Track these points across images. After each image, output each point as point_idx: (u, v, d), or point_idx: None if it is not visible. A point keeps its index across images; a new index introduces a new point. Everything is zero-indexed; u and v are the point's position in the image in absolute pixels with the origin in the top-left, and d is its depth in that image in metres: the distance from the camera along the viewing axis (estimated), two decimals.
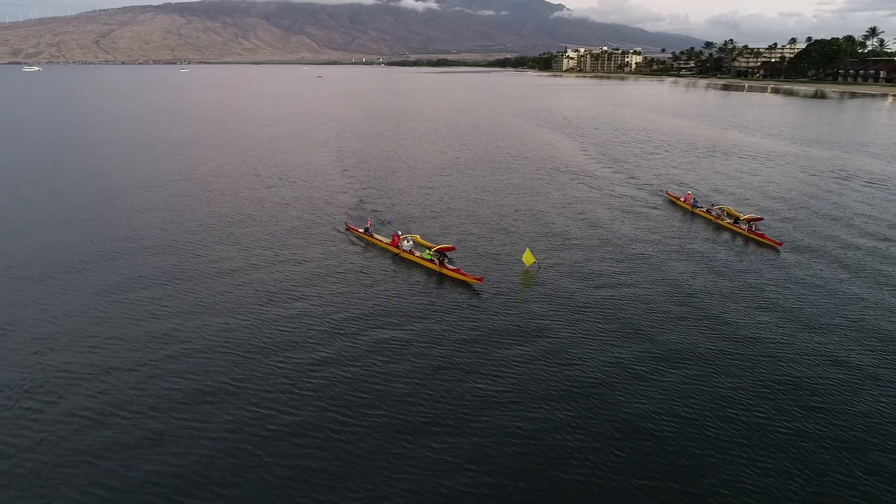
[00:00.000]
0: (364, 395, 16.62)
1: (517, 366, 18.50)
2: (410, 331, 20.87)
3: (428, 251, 28.40)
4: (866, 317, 22.54)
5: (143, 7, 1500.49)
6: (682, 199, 40.13)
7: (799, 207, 40.70)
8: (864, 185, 47.66)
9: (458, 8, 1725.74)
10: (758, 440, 14.85)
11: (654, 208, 39.88)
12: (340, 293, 24.23)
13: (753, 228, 33.55)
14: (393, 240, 30.35)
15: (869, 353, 19.58)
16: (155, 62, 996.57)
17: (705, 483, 13.36)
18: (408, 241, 29.60)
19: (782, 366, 18.56)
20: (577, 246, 31.08)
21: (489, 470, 13.67)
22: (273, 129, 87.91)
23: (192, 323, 20.86)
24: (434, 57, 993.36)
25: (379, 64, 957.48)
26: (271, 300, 23.13)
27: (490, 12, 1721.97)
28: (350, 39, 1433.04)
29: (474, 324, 21.68)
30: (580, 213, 38.05)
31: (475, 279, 26.12)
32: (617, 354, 19.19)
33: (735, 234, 34.34)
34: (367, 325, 21.14)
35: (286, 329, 20.63)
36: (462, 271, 26.72)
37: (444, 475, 13.43)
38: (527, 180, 48.34)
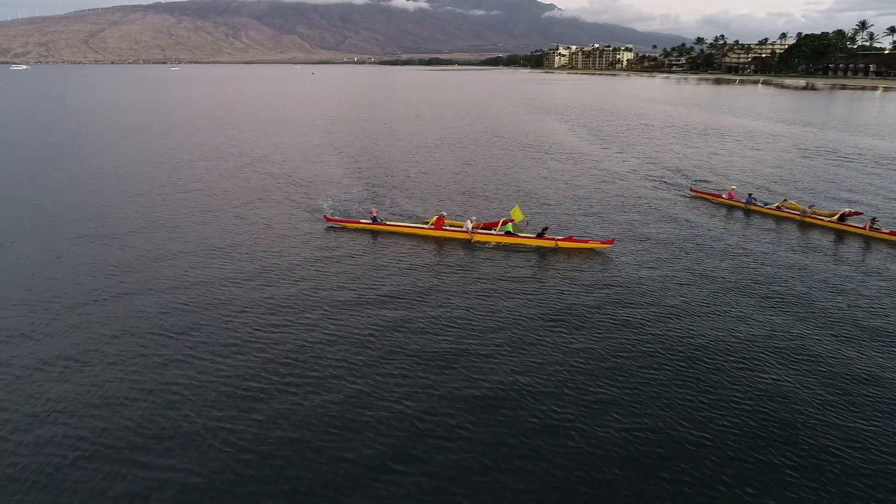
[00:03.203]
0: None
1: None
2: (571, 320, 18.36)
3: (509, 224, 25.97)
4: None
5: (133, 6, 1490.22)
6: (724, 196, 33.76)
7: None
8: None
9: (449, 8, 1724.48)
10: None
11: (708, 212, 31.95)
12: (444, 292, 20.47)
13: (873, 226, 26.95)
14: (438, 222, 26.59)
15: None
16: (145, 62, 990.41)
17: None
18: (469, 222, 26.35)
19: None
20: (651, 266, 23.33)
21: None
22: (269, 120, 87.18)
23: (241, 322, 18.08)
24: (426, 56, 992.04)
25: (371, 63, 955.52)
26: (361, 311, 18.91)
27: (481, 12, 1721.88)
28: (342, 39, 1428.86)
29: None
30: (620, 214, 31.25)
31: (604, 243, 24.67)
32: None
33: (843, 234, 27.72)
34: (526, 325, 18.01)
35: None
36: (576, 238, 25.28)
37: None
38: (556, 173, 43.67)
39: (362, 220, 28.22)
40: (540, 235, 25.28)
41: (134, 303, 19.22)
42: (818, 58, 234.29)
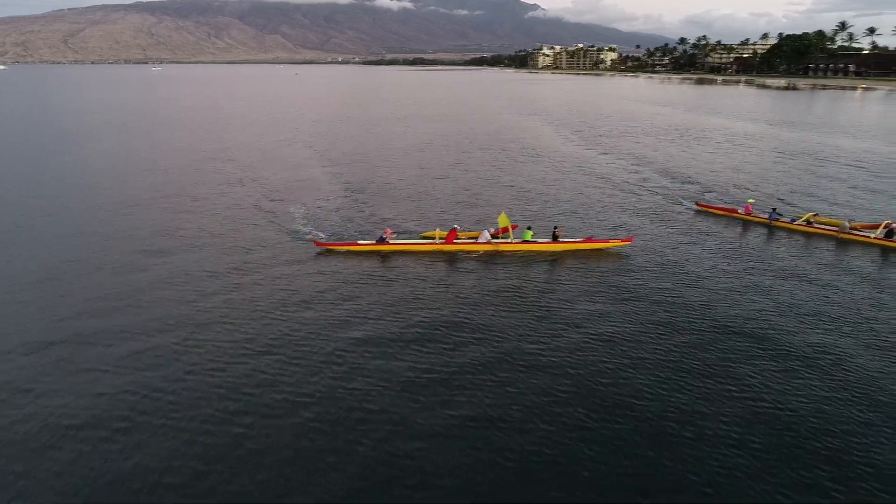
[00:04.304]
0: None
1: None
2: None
3: (528, 231, 25.29)
4: None
5: (114, 6, 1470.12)
6: (740, 211, 30.47)
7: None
8: None
9: (433, 7, 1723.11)
10: None
11: (725, 230, 28.70)
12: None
13: None
14: (450, 235, 24.91)
15: None
16: (126, 62, 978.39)
17: None
18: (486, 232, 25.18)
19: None
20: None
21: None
22: (252, 124, 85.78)
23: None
24: (410, 56, 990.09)
25: (355, 63, 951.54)
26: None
27: (465, 12, 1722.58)
28: (326, 39, 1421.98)
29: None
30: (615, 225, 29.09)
31: (623, 241, 25.01)
32: None
33: (891, 251, 25.15)
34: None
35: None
36: (595, 238, 25.36)
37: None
38: (549, 177, 43.88)
39: (361, 242, 24.99)
40: (555, 239, 25.06)
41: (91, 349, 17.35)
42: (799, 58, 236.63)
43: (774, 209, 29.82)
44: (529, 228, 25.63)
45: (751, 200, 31.18)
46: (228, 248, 25.23)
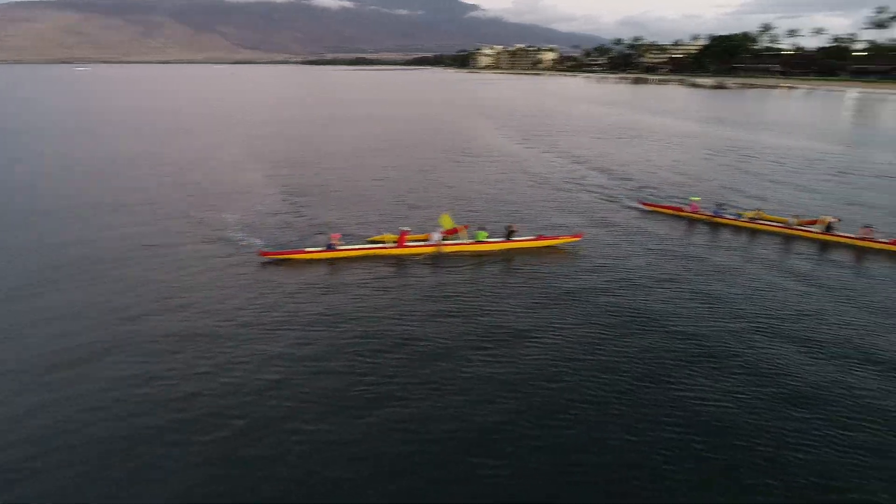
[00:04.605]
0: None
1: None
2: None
3: (482, 232, 25.04)
4: None
5: (36, 2, 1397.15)
6: (685, 209, 30.69)
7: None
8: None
9: (373, 7, 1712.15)
10: None
11: (671, 228, 28.88)
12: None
13: (867, 235, 25.53)
14: (401, 239, 24.38)
15: None
16: (50, 62, 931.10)
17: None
18: (437, 233, 24.69)
19: None
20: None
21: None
22: (186, 126, 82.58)
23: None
24: (352, 56, 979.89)
25: (295, 63, 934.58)
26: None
27: (406, 11, 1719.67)
28: (264, 38, 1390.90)
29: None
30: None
31: (573, 237, 25.62)
32: None
33: (832, 245, 25.94)
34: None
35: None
36: (546, 236, 25.73)
37: None
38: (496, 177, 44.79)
39: (309, 250, 23.83)
40: (508, 237, 25.01)
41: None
42: (728, 58, 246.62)
43: (719, 206, 30.05)
44: (483, 229, 25.41)
45: (696, 198, 31.14)
46: (158, 264, 23.08)
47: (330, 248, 23.74)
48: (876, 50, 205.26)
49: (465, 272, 22.67)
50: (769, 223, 28.20)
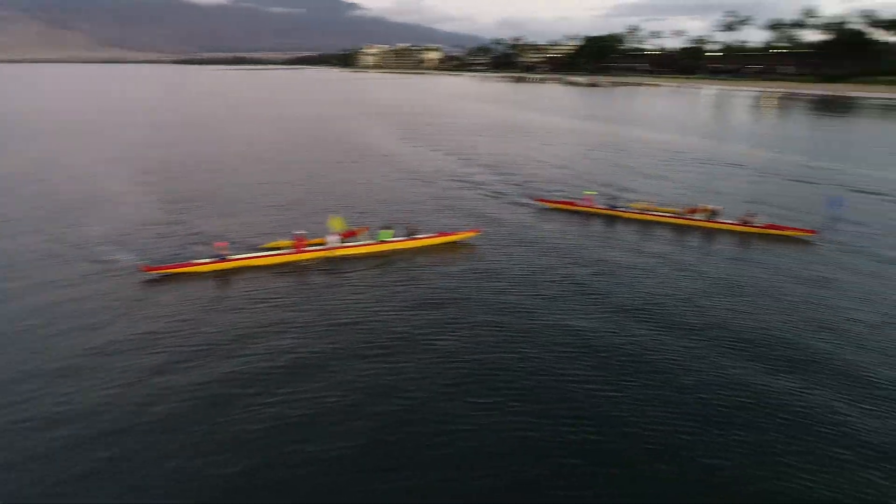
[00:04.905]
0: None
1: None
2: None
3: (386, 231, 24.61)
4: None
5: None
6: (579, 203, 31.27)
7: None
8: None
9: (248, 5, 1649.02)
10: None
11: (567, 223, 29.49)
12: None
13: (747, 220, 27.94)
14: (298, 244, 23.40)
15: None
16: None
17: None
18: (334, 236, 24.11)
19: None
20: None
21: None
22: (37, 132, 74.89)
23: None
24: (229, 55, 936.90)
25: (166, 62, 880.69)
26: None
27: (283, 10, 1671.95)
28: (130, 36, 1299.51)
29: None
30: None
31: (471, 232, 25.94)
32: None
33: (715, 231, 27.85)
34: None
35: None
36: (446, 232, 25.95)
37: None
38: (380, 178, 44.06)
39: (198, 262, 22.00)
40: (410, 236, 25.04)
41: None
42: (601, 58, 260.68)
43: (613, 199, 31.28)
44: (387, 228, 25.09)
45: (589, 192, 31.90)
46: (24, 289, 20.21)
47: (220, 258, 22.08)
48: (727, 50, 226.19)
49: (366, 274, 22.23)
50: (660, 214, 29.73)
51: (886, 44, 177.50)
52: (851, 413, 13.58)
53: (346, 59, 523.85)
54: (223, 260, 22.12)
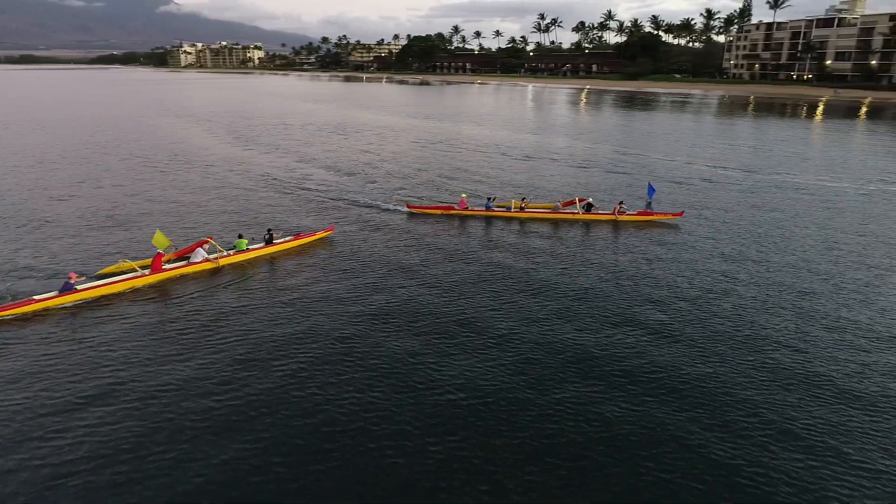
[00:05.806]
0: None
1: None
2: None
3: (242, 240, 23.02)
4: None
5: None
6: (456, 207, 29.87)
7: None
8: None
9: None
10: None
11: (443, 229, 27.71)
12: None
13: (622, 210, 28.82)
14: (155, 263, 20.74)
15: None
16: None
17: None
18: (202, 250, 21.85)
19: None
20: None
21: None
22: None
23: None
24: (16, 53, 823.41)
25: None
26: None
27: (82, 3, 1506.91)
28: None
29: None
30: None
31: (327, 231, 25.50)
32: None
33: (592, 223, 28.65)
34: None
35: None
36: (303, 234, 25.06)
37: None
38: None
39: (39, 297, 18.15)
40: (269, 242, 23.69)
41: None
42: (427, 57, 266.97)
43: (490, 199, 30.49)
44: (242, 237, 23.30)
45: (464, 195, 31.03)
46: None
47: (67, 288, 18.48)
48: (542, 51, 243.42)
49: (230, 288, 20.33)
50: (537, 210, 30.07)
51: (673, 45, 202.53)
52: (718, 377, 13.72)
53: (161, 58, 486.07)
54: (69, 291, 18.45)
